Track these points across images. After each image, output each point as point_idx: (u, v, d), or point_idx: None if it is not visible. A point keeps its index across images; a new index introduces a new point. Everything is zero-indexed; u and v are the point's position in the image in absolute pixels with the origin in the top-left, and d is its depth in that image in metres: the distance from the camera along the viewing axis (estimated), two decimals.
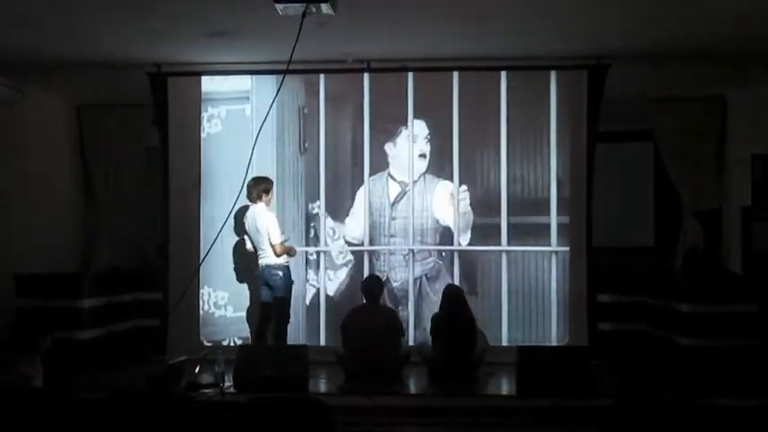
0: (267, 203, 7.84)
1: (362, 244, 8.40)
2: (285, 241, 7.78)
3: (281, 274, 7.74)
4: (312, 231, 8.47)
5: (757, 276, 7.84)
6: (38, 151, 8.59)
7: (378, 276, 7.83)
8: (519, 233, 8.29)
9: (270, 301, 7.79)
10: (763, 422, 3.95)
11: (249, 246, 7.99)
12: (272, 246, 7.67)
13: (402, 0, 6.21)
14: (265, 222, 7.70)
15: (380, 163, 8.46)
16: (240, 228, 8.07)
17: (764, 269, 7.87)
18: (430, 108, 8.38)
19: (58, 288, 7.70)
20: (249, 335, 8.23)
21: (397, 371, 7.27)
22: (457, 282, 8.17)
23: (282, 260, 7.77)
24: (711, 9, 6.32)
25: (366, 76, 8.31)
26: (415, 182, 8.39)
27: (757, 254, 8.16)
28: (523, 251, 8.27)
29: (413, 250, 8.33)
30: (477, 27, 6.89)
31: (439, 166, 8.40)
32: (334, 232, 8.42)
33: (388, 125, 8.43)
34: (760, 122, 8.24)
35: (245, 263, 8.24)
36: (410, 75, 8.26)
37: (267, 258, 7.75)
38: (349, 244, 8.44)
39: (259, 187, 7.77)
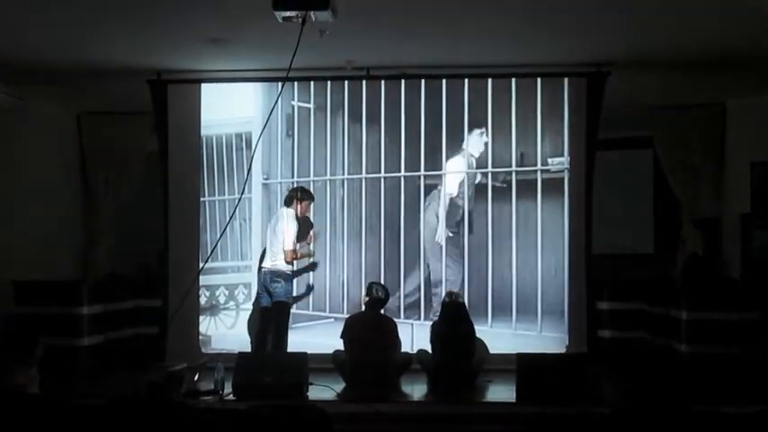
0: (297, 212, 7.90)
1: None
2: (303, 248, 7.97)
3: (282, 281, 7.76)
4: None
5: (757, 283, 7.83)
6: (38, 158, 8.60)
7: (384, 285, 7.72)
8: None
9: (269, 307, 7.80)
10: (762, 430, 3.95)
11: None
12: (284, 251, 7.76)
13: (402, 7, 6.22)
14: (283, 226, 7.78)
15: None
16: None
17: (764, 276, 7.87)
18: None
19: (58, 295, 7.70)
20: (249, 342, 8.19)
21: (396, 378, 7.26)
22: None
23: (287, 267, 7.81)
24: (711, 16, 6.33)
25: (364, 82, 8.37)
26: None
27: (756, 261, 8.16)
28: None
29: None
30: (476, 34, 6.90)
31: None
32: None
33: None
34: (759, 130, 8.25)
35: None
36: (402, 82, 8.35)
37: (273, 263, 7.80)
38: None
39: (293, 194, 7.94)
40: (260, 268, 8.09)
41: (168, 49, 7.44)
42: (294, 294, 8.06)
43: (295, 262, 7.96)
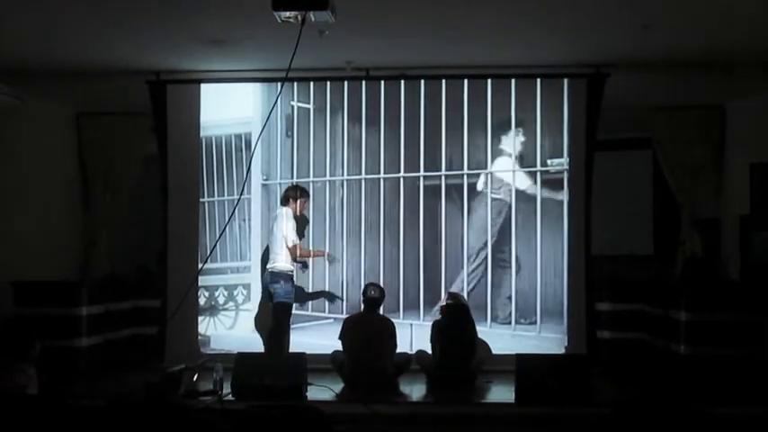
0: (294, 210, 7.96)
1: None
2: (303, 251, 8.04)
3: (281, 282, 7.77)
4: None
5: (756, 285, 7.83)
6: (37, 159, 8.60)
7: (379, 285, 7.71)
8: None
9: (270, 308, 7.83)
10: (762, 431, 3.95)
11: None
12: (287, 249, 7.80)
13: (402, 8, 6.22)
14: (281, 224, 7.80)
15: None
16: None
17: (763, 277, 7.87)
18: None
19: (57, 296, 7.70)
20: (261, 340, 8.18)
21: (395, 379, 7.25)
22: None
23: (287, 268, 7.83)
24: (710, 18, 6.33)
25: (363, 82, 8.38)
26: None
27: (756, 262, 8.15)
28: None
29: None
30: (476, 35, 6.90)
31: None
32: None
33: None
34: (759, 131, 8.25)
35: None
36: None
37: (274, 264, 7.84)
38: None
39: (290, 193, 8.01)
40: (264, 269, 8.11)
41: (167, 50, 7.43)
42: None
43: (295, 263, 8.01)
